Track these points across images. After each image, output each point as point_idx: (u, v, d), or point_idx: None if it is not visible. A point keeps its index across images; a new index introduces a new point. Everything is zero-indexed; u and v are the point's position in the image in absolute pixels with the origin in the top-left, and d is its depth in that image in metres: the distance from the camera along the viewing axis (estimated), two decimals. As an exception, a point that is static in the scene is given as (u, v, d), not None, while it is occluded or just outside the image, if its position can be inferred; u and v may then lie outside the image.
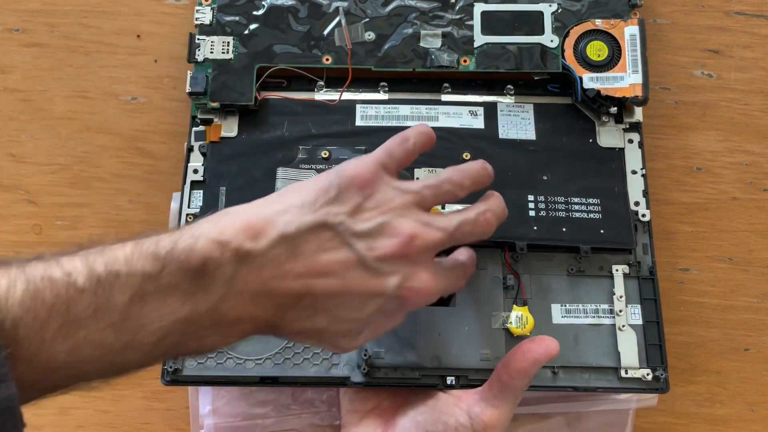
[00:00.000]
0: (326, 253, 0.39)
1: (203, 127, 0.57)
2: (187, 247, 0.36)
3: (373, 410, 0.51)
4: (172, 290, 0.35)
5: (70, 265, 0.34)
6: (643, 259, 0.54)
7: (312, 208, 0.39)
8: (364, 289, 0.40)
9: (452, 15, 0.58)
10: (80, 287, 0.34)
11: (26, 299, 0.32)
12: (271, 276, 0.38)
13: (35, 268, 0.34)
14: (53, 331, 0.33)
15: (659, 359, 0.51)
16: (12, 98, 0.63)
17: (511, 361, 0.45)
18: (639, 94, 0.55)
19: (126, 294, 0.34)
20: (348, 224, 0.39)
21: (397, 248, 0.40)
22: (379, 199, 0.41)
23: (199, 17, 0.58)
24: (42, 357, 0.32)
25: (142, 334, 0.35)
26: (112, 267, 0.35)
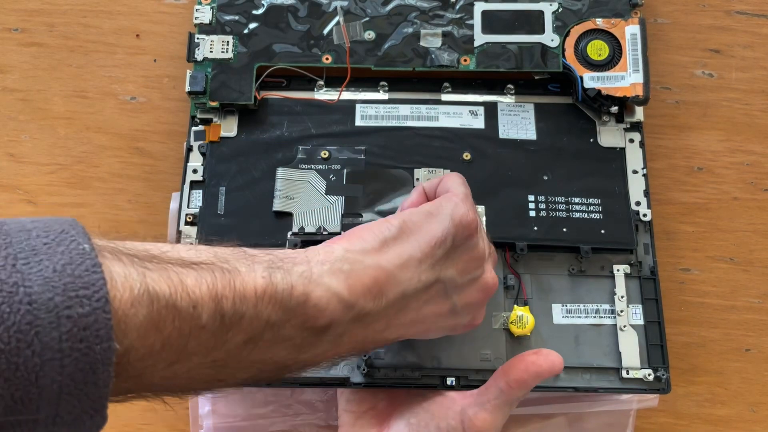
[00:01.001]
0: (429, 306, 0.41)
1: (203, 126, 0.57)
2: (320, 306, 0.35)
3: (369, 411, 0.50)
4: (286, 341, 0.35)
5: (197, 291, 0.31)
6: (645, 259, 0.53)
7: (431, 263, 0.40)
8: (438, 333, 0.44)
9: (452, 14, 0.58)
10: (202, 324, 0.31)
11: (146, 328, 0.29)
12: (374, 330, 0.38)
13: (158, 284, 0.30)
14: (161, 361, 0.31)
15: (661, 359, 0.51)
16: (11, 98, 0.63)
17: (513, 370, 0.45)
18: (640, 93, 0.55)
19: (242, 337, 0.33)
20: (455, 279, 0.41)
21: (483, 298, 0.44)
22: (477, 252, 0.42)
23: (198, 16, 0.58)
24: (140, 381, 0.31)
25: (240, 373, 0.35)
26: (240, 307, 0.33)
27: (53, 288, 0.27)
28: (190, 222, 0.54)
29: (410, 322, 0.40)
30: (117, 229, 0.61)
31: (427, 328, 0.42)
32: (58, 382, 0.26)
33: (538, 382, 0.45)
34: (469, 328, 0.45)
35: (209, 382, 0.34)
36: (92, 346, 0.27)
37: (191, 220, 0.54)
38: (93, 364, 0.27)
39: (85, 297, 0.27)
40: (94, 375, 0.27)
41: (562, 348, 0.51)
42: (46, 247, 0.28)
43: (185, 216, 0.54)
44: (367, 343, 0.39)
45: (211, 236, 0.53)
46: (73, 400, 0.27)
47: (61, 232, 0.29)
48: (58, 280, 0.27)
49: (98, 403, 0.28)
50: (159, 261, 0.32)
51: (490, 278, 0.43)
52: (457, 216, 0.41)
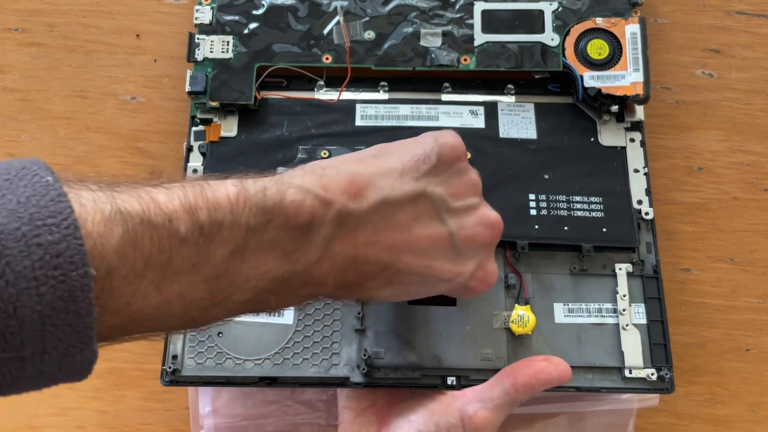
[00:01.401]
0: (420, 225, 0.39)
1: (203, 126, 0.57)
2: (296, 202, 0.34)
3: (369, 408, 0.50)
4: (273, 247, 0.34)
5: (170, 207, 0.31)
6: (647, 258, 0.53)
7: (414, 175, 0.39)
8: (444, 273, 0.40)
9: (452, 14, 0.58)
10: (182, 237, 0.31)
11: (124, 247, 0.29)
12: (365, 242, 0.37)
13: (130, 204, 0.30)
14: (147, 284, 0.30)
15: (664, 359, 0.51)
16: (11, 98, 0.63)
17: (521, 374, 0.45)
18: (640, 92, 0.55)
19: (227, 247, 0.32)
20: (446, 199, 0.40)
21: (486, 235, 0.41)
22: (468, 178, 0.41)
23: (198, 17, 0.58)
24: (129, 310, 0.30)
25: (236, 292, 0.33)
26: (216, 216, 0.32)
27: (19, 218, 0.26)
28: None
29: (403, 240, 0.38)
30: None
31: (429, 259, 0.39)
32: (38, 312, 0.26)
33: (545, 389, 0.45)
34: (479, 285, 0.42)
35: (207, 309, 0.33)
36: (67, 272, 0.27)
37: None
38: (71, 291, 0.27)
39: (53, 225, 0.27)
40: (75, 303, 0.27)
41: (564, 347, 0.51)
42: (7, 183, 0.28)
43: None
44: (362, 262, 0.37)
45: None
46: (58, 332, 0.27)
47: (22, 168, 0.29)
48: (23, 210, 0.27)
49: (84, 334, 0.27)
50: (128, 185, 0.31)
51: (492, 215, 0.42)
52: (442, 138, 0.40)
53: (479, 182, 0.42)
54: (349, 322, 0.51)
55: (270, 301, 0.36)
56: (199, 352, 0.51)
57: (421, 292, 0.42)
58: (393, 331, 0.51)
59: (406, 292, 0.41)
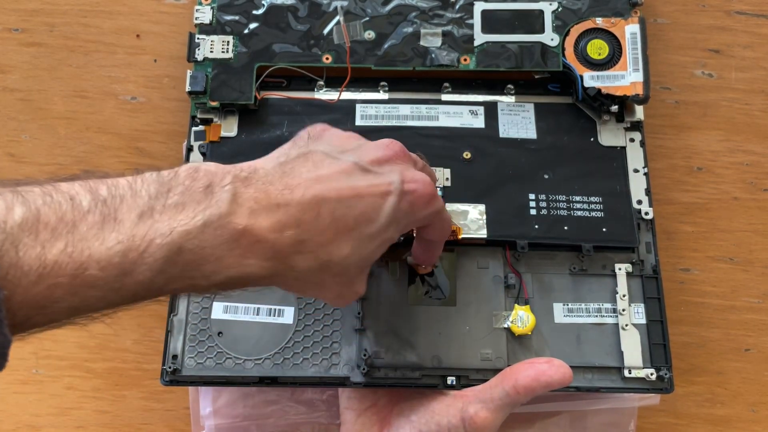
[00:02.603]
0: (324, 167, 0.39)
1: (203, 126, 0.57)
2: (190, 174, 0.35)
3: (370, 408, 0.50)
4: (181, 208, 0.34)
5: (72, 189, 0.32)
6: (647, 258, 0.53)
7: (295, 146, 0.41)
8: (371, 187, 0.39)
9: (452, 14, 0.58)
10: (85, 208, 0.31)
11: (27, 220, 0.30)
12: (279, 191, 0.36)
13: (32, 192, 0.31)
14: (57, 251, 0.30)
15: (663, 359, 0.51)
16: (11, 98, 0.63)
17: (521, 376, 0.45)
18: (640, 92, 0.55)
19: (134, 212, 0.33)
20: (334, 147, 0.40)
21: (385, 153, 0.41)
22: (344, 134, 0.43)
23: (198, 16, 0.58)
24: (43, 283, 0.30)
25: (152, 248, 0.32)
26: (116, 191, 0.33)
27: None
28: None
29: (316, 180, 0.38)
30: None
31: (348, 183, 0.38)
32: None
33: (546, 391, 0.45)
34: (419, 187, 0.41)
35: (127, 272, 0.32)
36: None
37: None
38: None
39: None
40: None
41: (564, 347, 0.51)
42: None
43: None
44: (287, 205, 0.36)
45: None
46: None
47: None
48: None
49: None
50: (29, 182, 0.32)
51: (385, 140, 0.42)
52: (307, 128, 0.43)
53: (352, 135, 0.43)
54: (349, 322, 0.51)
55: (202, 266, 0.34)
56: (199, 352, 0.51)
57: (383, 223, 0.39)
58: (393, 331, 0.51)
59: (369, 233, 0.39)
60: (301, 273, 0.38)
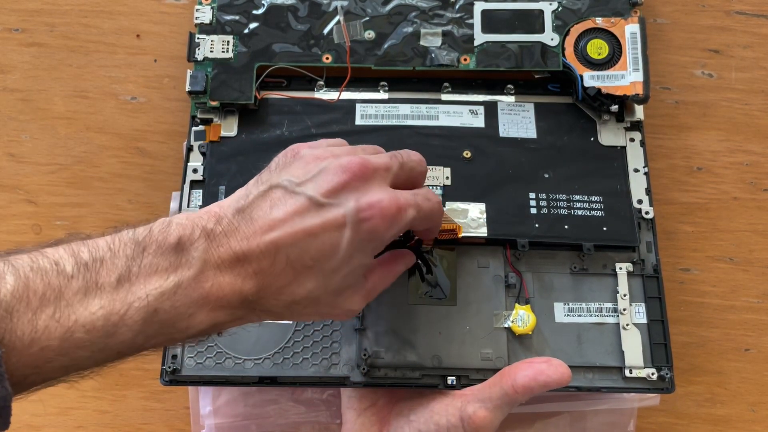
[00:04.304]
0: (278, 208, 0.39)
1: (203, 126, 0.57)
2: (162, 230, 0.37)
3: (370, 408, 0.50)
4: (155, 269, 0.36)
5: (56, 254, 0.35)
6: (647, 257, 0.53)
7: (259, 182, 0.41)
8: (325, 224, 0.39)
9: (452, 14, 0.58)
10: (69, 273, 0.34)
11: (18, 289, 0.32)
12: (238, 242, 0.38)
13: (21, 260, 0.34)
14: (46, 317, 0.33)
15: (664, 358, 0.51)
16: (11, 98, 0.63)
17: (520, 375, 0.45)
18: (640, 92, 0.55)
19: (113, 275, 0.35)
20: (293, 179, 0.40)
21: (342, 178, 0.40)
22: (304, 157, 0.42)
23: (198, 16, 0.58)
24: (35, 346, 0.33)
25: (131, 311, 0.35)
26: (96, 254, 0.35)
27: None
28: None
29: (271, 226, 0.39)
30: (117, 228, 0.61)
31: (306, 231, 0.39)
32: None
33: (544, 391, 0.45)
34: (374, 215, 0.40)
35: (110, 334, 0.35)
36: None
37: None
38: None
39: None
40: None
41: (565, 347, 0.51)
42: None
43: (185, 215, 0.54)
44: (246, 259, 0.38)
45: None
46: None
47: None
48: None
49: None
50: (18, 251, 0.35)
51: (344, 160, 0.41)
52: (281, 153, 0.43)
53: (324, 152, 0.42)
54: (348, 321, 0.51)
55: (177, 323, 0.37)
56: (198, 352, 0.51)
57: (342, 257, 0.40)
58: (393, 330, 0.51)
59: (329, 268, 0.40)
60: (272, 311, 0.40)
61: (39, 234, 0.61)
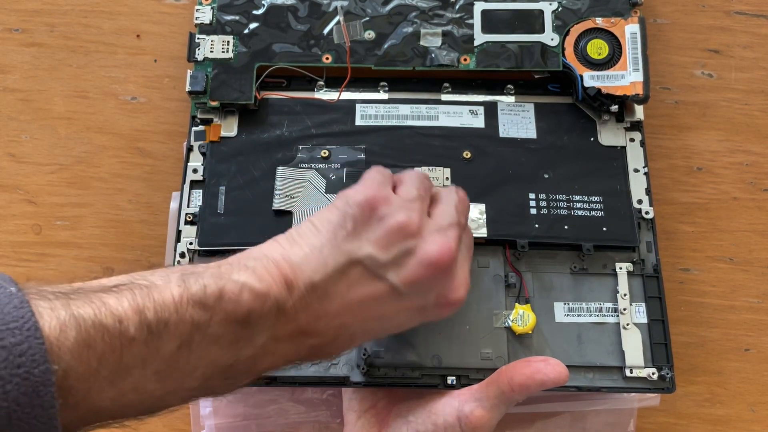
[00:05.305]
0: (358, 290, 0.39)
1: (203, 126, 0.57)
2: (233, 298, 0.36)
3: (370, 410, 0.50)
4: (217, 339, 0.36)
5: (120, 308, 0.33)
6: (647, 257, 0.53)
7: (333, 246, 0.39)
8: (400, 310, 0.41)
9: (452, 14, 0.58)
10: (131, 336, 0.33)
11: (78, 348, 0.31)
12: (307, 321, 0.38)
13: (83, 309, 0.32)
14: (102, 380, 0.32)
15: (665, 358, 0.51)
16: (11, 98, 0.63)
17: (518, 374, 0.45)
18: (640, 92, 0.55)
19: (174, 343, 0.34)
20: (374, 255, 0.39)
21: (428, 272, 0.40)
22: (394, 223, 0.40)
23: (199, 16, 0.58)
24: (87, 404, 0.32)
25: (186, 381, 0.35)
26: (162, 314, 0.34)
27: None
28: (190, 221, 0.54)
29: (345, 310, 0.39)
30: (117, 229, 0.61)
31: (379, 316, 0.40)
32: (5, 408, 0.28)
33: (541, 390, 0.45)
34: (447, 309, 0.42)
35: (161, 398, 0.35)
36: (30, 369, 0.29)
37: (191, 220, 0.54)
38: (35, 386, 0.29)
39: (15, 328, 0.30)
40: (39, 397, 0.29)
41: (565, 347, 0.51)
42: None
43: (185, 215, 0.54)
44: (311, 335, 0.39)
45: (211, 235, 0.53)
46: (24, 426, 0.29)
47: None
48: None
49: (49, 425, 0.30)
50: (81, 291, 0.34)
51: (430, 249, 0.40)
52: (353, 196, 0.41)
53: (409, 220, 0.40)
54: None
55: (221, 386, 0.38)
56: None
57: (405, 327, 0.43)
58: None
59: (388, 331, 0.43)
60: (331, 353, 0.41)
61: (39, 234, 0.61)
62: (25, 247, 0.61)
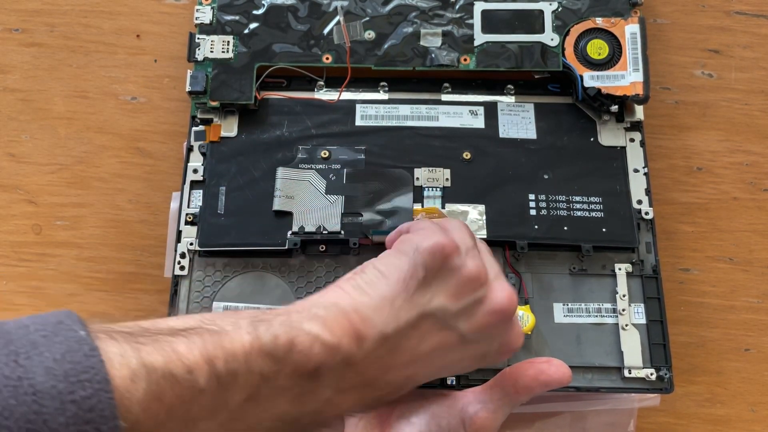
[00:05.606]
0: (428, 342, 0.39)
1: (203, 126, 0.57)
2: (305, 351, 0.35)
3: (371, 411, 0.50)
4: (284, 392, 0.35)
5: (191, 357, 0.32)
6: (646, 258, 0.53)
7: (405, 298, 0.38)
8: (468, 359, 0.41)
9: (452, 14, 0.58)
10: (201, 388, 0.32)
11: (148, 400, 0.30)
12: (375, 374, 0.38)
13: (153, 356, 0.31)
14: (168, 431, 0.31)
15: (663, 359, 0.51)
16: (11, 98, 0.63)
17: (521, 375, 0.45)
18: (640, 92, 0.55)
19: (242, 395, 0.34)
20: (447, 307, 0.39)
21: (495, 318, 0.40)
22: (467, 272, 0.40)
23: (199, 16, 0.58)
24: None
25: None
26: (232, 365, 0.33)
27: (55, 376, 0.28)
28: (190, 221, 0.54)
29: (414, 362, 0.39)
30: (117, 229, 0.61)
31: (444, 364, 0.41)
32: None
33: (545, 391, 0.45)
34: (507, 355, 0.43)
35: None
36: (99, 426, 0.28)
37: (191, 220, 0.54)
38: None
39: (86, 380, 0.28)
40: None
41: (564, 347, 0.51)
42: (44, 340, 0.29)
43: (185, 216, 0.54)
44: (376, 387, 0.39)
45: (211, 235, 0.53)
46: None
47: (57, 323, 0.30)
48: (58, 368, 0.28)
49: None
50: (150, 334, 0.33)
51: (499, 297, 0.40)
52: (424, 243, 0.39)
53: (480, 270, 0.40)
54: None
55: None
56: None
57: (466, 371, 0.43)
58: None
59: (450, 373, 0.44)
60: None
61: (39, 234, 0.61)
62: (25, 247, 0.61)
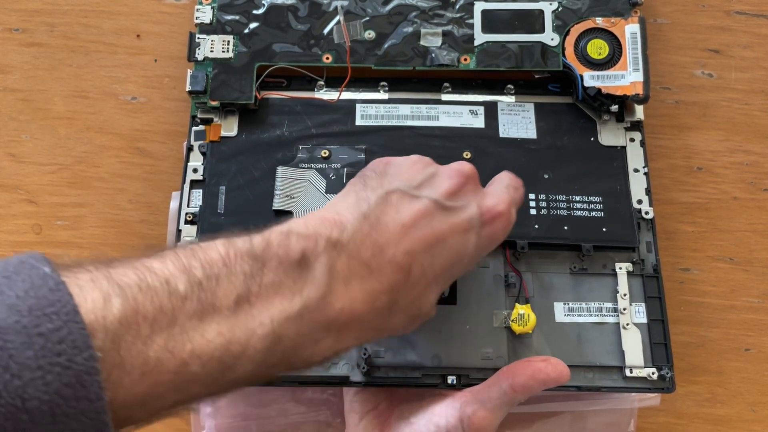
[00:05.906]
0: (404, 211, 0.39)
1: (203, 126, 0.57)
2: (282, 243, 0.35)
3: (371, 411, 0.50)
4: (277, 288, 0.34)
5: (165, 270, 0.31)
6: (647, 257, 0.53)
7: (367, 191, 0.40)
8: (453, 228, 0.40)
9: (452, 13, 0.58)
10: (182, 294, 0.31)
11: (126, 315, 0.29)
12: (372, 254, 0.37)
13: (126, 278, 0.30)
14: (158, 348, 0.29)
15: (665, 358, 0.51)
16: (12, 98, 0.63)
17: (519, 374, 0.45)
18: (640, 92, 0.55)
19: (231, 296, 0.32)
20: (407, 183, 0.40)
21: (459, 181, 0.41)
22: (409, 161, 0.43)
23: (199, 16, 0.58)
24: (145, 382, 0.29)
25: (253, 340, 0.32)
26: (211, 270, 0.32)
27: (18, 312, 0.27)
28: (190, 221, 0.54)
29: (404, 234, 0.38)
30: (117, 229, 0.61)
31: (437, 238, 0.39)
32: (47, 402, 0.26)
33: (543, 389, 0.45)
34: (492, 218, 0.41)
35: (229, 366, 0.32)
36: (71, 357, 0.27)
37: (191, 219, 0.54)
38: (78, 376, 0.27)
39: (53, 313, 0.27)
40: (84, 388, 0.27)
41: (565, 346, 0.51)
42: (6, 280, 0.28)
43: (185, 215, 0.54)
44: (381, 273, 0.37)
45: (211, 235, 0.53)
46: (71, 422, 0.27)
47: (19, 263, 0.29)
48: (22, 304, 0.27)
49: (98, 420, 0.27)
50: (123, 260, 0.32)
51: (453, 164, 0.43)
52: (370, 164, 0.44)
53: (423, 157, 0.43)
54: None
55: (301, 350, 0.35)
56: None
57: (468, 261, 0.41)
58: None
59: (456, 273, 0.41)
60: (396, 328, 0.39)
61: (39, 234, 0.61)
62: (25, 247, 0.61)
